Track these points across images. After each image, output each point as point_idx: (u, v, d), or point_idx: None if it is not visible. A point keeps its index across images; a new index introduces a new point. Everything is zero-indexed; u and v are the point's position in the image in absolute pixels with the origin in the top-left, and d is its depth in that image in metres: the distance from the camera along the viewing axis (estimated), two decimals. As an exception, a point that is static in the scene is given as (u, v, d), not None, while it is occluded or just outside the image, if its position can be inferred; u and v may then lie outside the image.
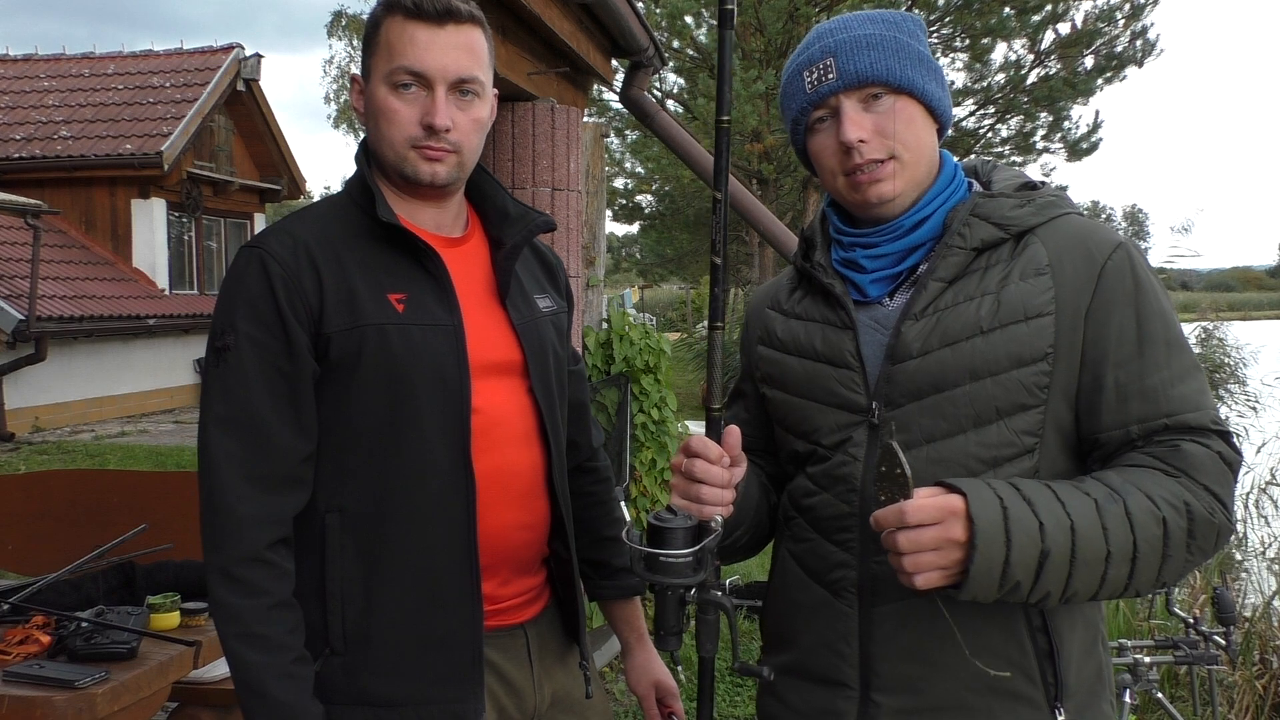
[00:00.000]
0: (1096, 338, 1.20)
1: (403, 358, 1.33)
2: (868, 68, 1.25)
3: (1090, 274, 1.21)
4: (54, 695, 1.80)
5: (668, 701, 1.65)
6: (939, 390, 1.21)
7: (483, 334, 1.41)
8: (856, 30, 1.28)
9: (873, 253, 1.30)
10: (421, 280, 1.38)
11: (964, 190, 1.32)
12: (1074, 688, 1.22)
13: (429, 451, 1.34)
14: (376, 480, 1.34)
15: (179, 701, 2.44)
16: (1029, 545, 1.08)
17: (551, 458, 1.47)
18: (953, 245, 1.25)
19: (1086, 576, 1.10)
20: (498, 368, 1.43)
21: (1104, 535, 1.10)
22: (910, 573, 1.09)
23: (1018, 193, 1.28)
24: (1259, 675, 3.77)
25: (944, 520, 1.08)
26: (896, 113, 1.26)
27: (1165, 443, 1.17)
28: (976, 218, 1.26)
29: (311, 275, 1.33)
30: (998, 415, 1.20)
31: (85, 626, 2.00)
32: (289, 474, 1.32)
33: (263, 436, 1.30)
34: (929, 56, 1.30)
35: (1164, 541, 1.11)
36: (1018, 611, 1.20)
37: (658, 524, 1.18)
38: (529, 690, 1.48)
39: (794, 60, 1.33)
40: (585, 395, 1.68)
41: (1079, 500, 1.12)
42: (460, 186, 1.46)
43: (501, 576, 1.44)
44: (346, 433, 1.35)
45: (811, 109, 1.29)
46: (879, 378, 1.25)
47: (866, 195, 1.27)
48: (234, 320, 1.32)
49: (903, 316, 1.25)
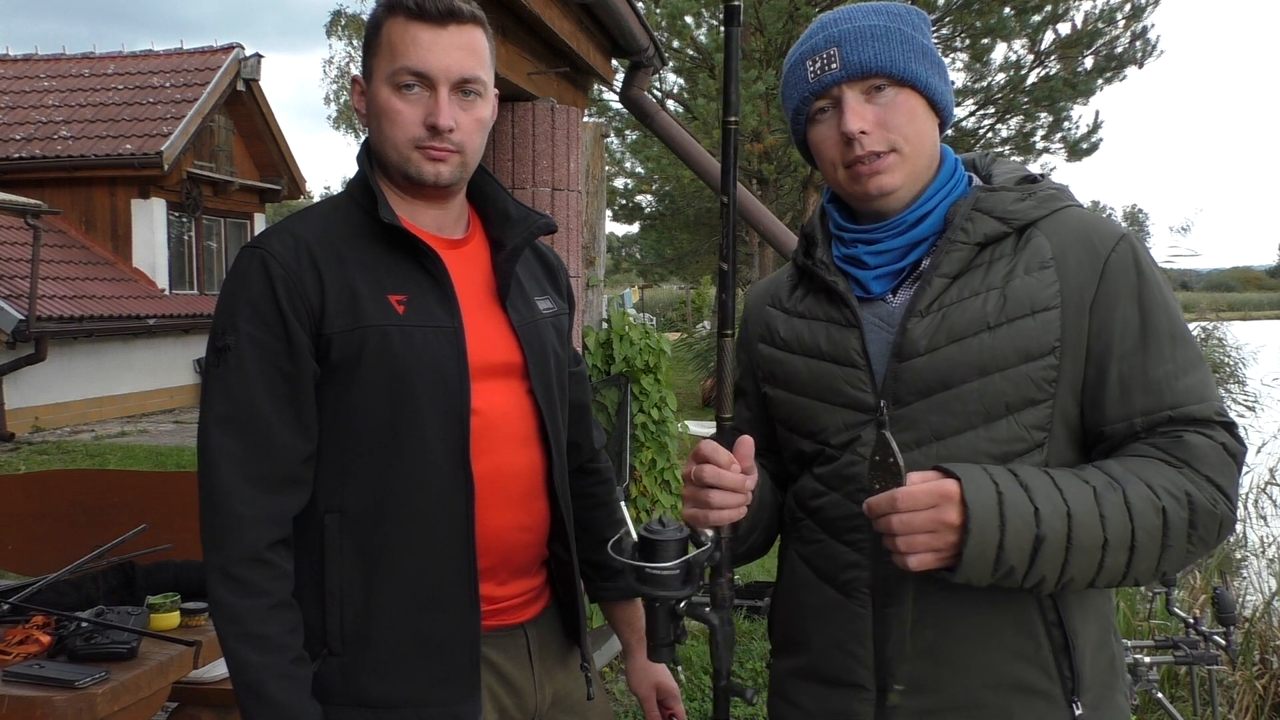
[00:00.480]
0: (1100, 330, 1.19)
1: (403, 359, 1.33)
2: (871, 59, 1.24)
3: (1094, 266, 1.20)
4: (54, 695, 1.80)
5: (668, 703, 1.65)
6: (947, 387, 1.21)
7: (483, 335, 1.41)
8: (861, 21, 1.27)
9: (875, 249, 1.29)
10: (422, 281, 1.38)
11: (965, 185, 1.31)
12: (1090, 681, 1.22)
13: (428, 453, 1.34)
14: (376, 481, 1.34)
15: (179, 701, 2.44)
16: (1024, 530, 1.09)
17: (552, 459, 1.47)
18: (956, 240, 1.24)
19: (1082, 563, 1.11)
20: (498, 369, 1.43)
21: (1101, 522, 1.10)
22: (904, 553, 1.11)
23: (1019, 186, 1.28)
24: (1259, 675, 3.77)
25: (938, 504, 1.10)
26: (898, 105, 1.25)
27: (1168, 434, 1.17)
28: (979, 212, 1.25)
29: (313, 276, 1.33)
30: (1007, 411, 1.20)
31: (85, 626, 2.00)
32: (289, 474, 1.32)
33: (263, 437, 1.30)
34: (933, 50, 1.29)
35: (1163, 531, 1.12)
36: (1031, 606, 1.20)
37: (648, 535, 1.17)
38: (529, 690, 1.48)
39: (797, 49, 1.32)
40: (586, 397, 1.68)
41: (1077, 487, 1.12)
42: (462, 187, 1.46)
43: (500, 577, 1.44)
44: (346, 433, 1.35)
45: (813, 99, 1.28)
46: (886, 376, 1.24)
47: (867, 187, 1.26)
48: (235, 320, 1.32)
49: (908, 313, 1.24)
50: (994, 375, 1.19)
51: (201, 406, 1.34)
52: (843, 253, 1.33)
